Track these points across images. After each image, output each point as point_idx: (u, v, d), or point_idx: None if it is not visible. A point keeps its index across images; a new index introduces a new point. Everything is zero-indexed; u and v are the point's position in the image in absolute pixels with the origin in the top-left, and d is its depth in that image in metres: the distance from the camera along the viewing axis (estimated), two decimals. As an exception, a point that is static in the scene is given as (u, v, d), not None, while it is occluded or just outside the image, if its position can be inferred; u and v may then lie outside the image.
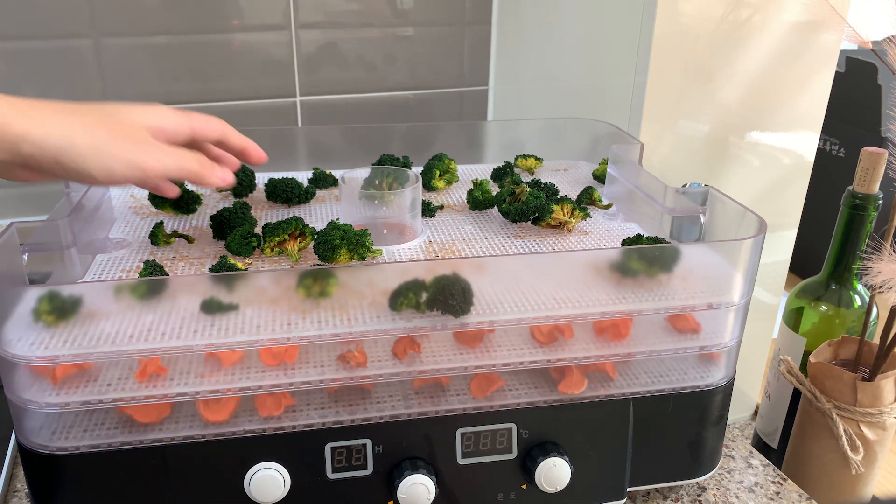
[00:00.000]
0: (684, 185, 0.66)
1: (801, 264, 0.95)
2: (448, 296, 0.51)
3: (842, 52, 1.19)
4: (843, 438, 0.68)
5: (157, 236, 0.62)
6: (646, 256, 0.55)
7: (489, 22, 1.03)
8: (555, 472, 0.55)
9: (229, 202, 0.72)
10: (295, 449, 0.52)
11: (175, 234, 0.63)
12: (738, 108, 0.76)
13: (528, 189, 0.68)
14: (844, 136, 1.33)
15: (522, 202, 0.66)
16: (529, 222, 0.67)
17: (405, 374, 0.53)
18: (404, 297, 0.51)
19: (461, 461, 0.55)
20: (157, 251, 0.61)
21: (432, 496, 0.54)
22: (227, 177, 0.54)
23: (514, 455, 0.56)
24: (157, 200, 0.69)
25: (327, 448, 0.53)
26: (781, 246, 0.85)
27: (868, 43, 0.68)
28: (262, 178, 0.76)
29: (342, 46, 0.98)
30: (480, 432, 0.55)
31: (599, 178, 0.78)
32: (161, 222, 0.63)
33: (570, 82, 0.87)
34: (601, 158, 0.80)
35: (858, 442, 0.69)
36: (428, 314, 0.52)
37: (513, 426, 0.56)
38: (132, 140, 0.49)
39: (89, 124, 0.48)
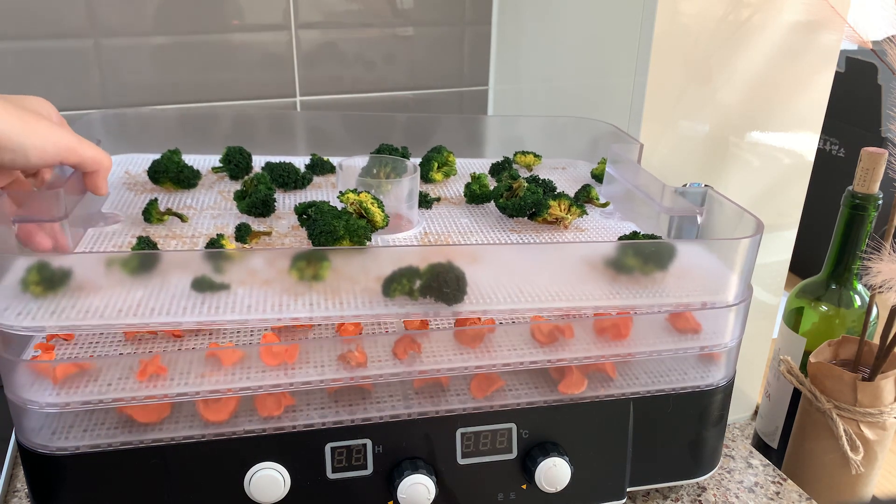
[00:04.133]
0: (684, 185, 0.66)
1: (801, 264, 0.95)
2: (442, 283, 0.51)
3: (842, 52, 1.19)
4: (843, 438, 0.68)
5: (151, 213, 0.61)
6: (641, 252, 0.55)
7: (489, 22, 1.03)
8: (555, 472, 0.55)
9: (225, 184, 0.72)
10: (295, 449, 0.52)
11: (169, 211, 0.62)
12: (738, 108, 0.76)
13: (526, 184, 0.68)
14: (844, 136, 1.33)
15: (520, 197, 0.66)
16: (526, 217, 0.67)
17: (405, 374, 0.53)
18: (398, 283, 0.50)
19: (461, 461, 0.55)
20: (149, 228, 0.61)
21: (432, 496, 0.54)
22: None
23: (514, 455, 0.56)
24: (156, 175, 0.69)
25: (327, 448, 0.53)
26: (781, 246, 0.84)
27: (868, 43, 0.68)
28: (259, 161, 0.76)
29: (342, 46, 0.98)
30: (480, 432, 0.55)
31: (598, 177, 0.79)
32: (155, 199, 0.62)
33: (570, 82, 0.87)
34: (600, 158, 0.80)
35: (858, 442, 0.69)
36: (421, 301, 0.51)
37: (513, 426, 0.56)
38: (54, 125, 0.52)
39: (14, 113, 0.49)
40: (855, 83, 1.29)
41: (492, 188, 0.71)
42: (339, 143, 0.82)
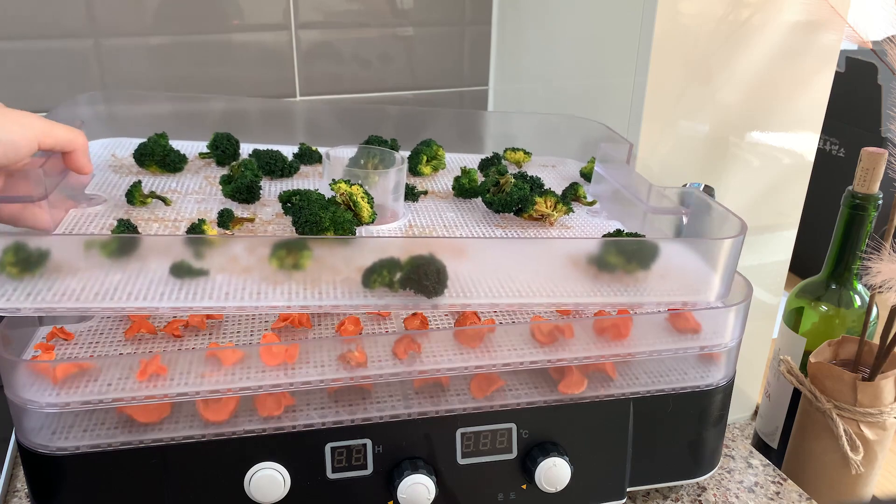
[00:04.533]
0: (684, 185, 0.66)
1: (801, 264, 0.95)
2: (422, 275, 0.50)
3: (842, 52, 1.19)
4: (843, 438, 0.68)
5: (134, 195, 0.60)
6: (624, 250, 0.54)
7: (489, 22, 1.03)
8: (555, 472, 0.55)
9: (212, 170, 0.72)
10: (295, 449, 0.52)
11: (153, 194, 0.61)
12: (738, 108, 0.76)
13: (513, 180, 0.67)
14: (844, 136, 1.33)
15: (506, 192, 0.66)
16: (512, 213, 0.67)
17: (405, 374, 0.53)
18: (378, 274, 0.50)
19: (461, 461, 0.55)
20: (132, 210, 0.60)
21: (432, 496, 0.54)
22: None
23: (514, 455, 0.56)
24: (142, 158, 0.69)
25: (327, 448, 0.53)
26: (781, 246, 0.84)
27: (868, 43, 0.68)
28: (246, 149, 0.75)
29: (342, 46, 0.98)
30: (480, 432, 0.55)
31: (586, 176, 0.78)
32: (139, 181, 0.61)
33: (570, 82, 0.87)
34: (591, 157, 0.80)
35: (858, 442, 0.69)
36: (400, 293, 0.51)
37: (513, 426, 0.56)
38: (22, 112, 0.52)
39: None
40: (855, 83, 1.29)
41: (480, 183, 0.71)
42: (330, 134, 0.81)
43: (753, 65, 0.74)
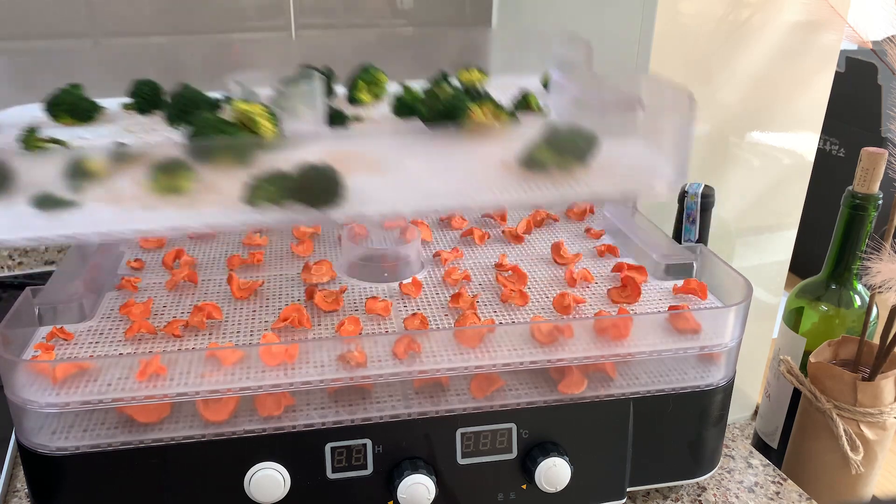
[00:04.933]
0: (684, 185, 0.66)
1: (801, 264, 0.95)
2: (312, 185, 0.45)
3: (842, 52, 1.19)
4: (843, 438, 0.68)
5: (29, 140, 0.55)
6: (555, 145, 0.47)
7: (489, 22, 1.03)
8: (555, 472, 0.55)
9: (135, 119, 0.67)
10: (295, 449, 0.52)
11: (52, 139, 0.55)
12: (738, 108, 0.76)
13: (451, 91, 0.60)
14: (844, 136, 1.33)
15: (441, 101, 0.57)
16: (453, 129, 0.57)
17: (405, 374, 0.53)
18: (261, 189, 0.46)
19: (461, 461, 0.55)
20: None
21: (432, 496, 0.54)
22: None
23: (514, 455, 0.56)
24: (52, 109, 0.65)
25: (327, 448, 0.53)
26: (781, 246, 0.85)
27: (868, 43, 0.68)
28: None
29: (341, 46, 0.98)
30: (480, 432, 0.55)
31: (545, 86, 0.72)
32: (35, 127, 0.57)
33: (570, 82, 0.87)
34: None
35: (858, 442, 0.69)
36: (289, 207, 0.46)
37: (513, 426, 0.56)
38: None
39: None
40: (855, 83, 1.29)
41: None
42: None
43: (753, 65, 0.74)
